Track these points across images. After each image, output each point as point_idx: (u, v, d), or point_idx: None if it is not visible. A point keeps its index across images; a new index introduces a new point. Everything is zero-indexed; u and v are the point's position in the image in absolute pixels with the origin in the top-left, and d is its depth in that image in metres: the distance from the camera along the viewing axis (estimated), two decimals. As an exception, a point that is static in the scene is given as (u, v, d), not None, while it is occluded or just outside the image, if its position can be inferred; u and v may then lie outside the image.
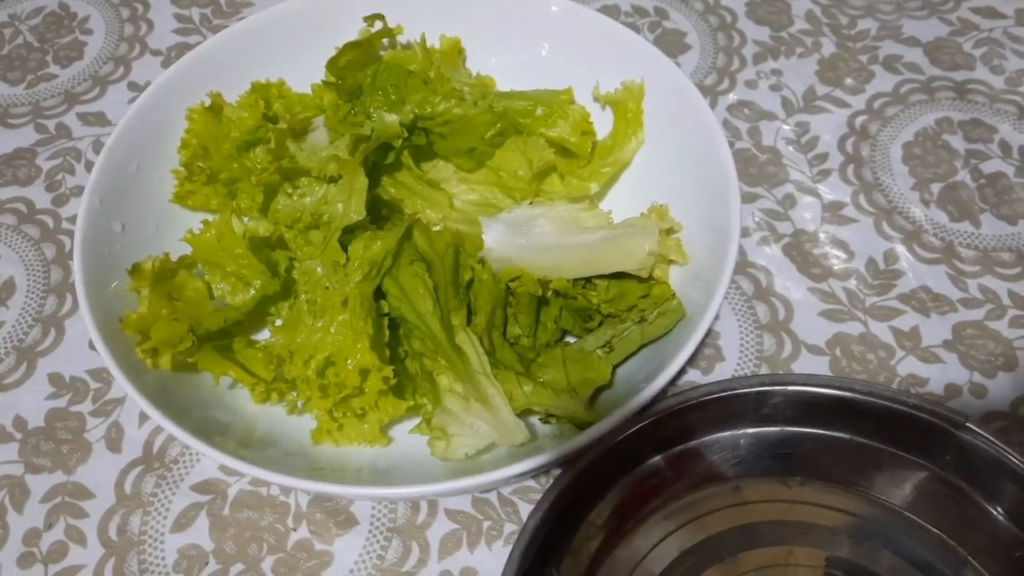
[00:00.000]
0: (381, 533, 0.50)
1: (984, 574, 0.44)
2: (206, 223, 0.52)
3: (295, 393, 0.49)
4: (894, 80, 0.68)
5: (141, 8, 0.76)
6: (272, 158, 0.51)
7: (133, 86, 0.70)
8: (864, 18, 0.72)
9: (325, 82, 0.56)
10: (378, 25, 0.55)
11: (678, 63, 0.67)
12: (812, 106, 0.67)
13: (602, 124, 0.57)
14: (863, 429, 0.48)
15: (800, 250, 0.59)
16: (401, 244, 0.48)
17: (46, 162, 0.66)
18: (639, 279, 0.51)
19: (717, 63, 0.70)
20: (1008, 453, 0.44)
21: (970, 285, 0.57)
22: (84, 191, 0.50)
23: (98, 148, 0.66)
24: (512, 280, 0.50)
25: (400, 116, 0.52)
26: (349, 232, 0.49)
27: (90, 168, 0.55)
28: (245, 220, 0.53)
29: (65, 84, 0.71)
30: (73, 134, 0.67)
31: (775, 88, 0.68)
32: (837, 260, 0.59)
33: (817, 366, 0.55)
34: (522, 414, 0.47)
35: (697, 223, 0.51)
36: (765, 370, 0.55)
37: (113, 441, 0.53)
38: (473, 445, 0.46)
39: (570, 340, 0.53)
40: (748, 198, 0.62)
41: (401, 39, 0.58)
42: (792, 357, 0.55)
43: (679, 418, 0.47)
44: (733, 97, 0.68)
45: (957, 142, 0.65)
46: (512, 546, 0.42)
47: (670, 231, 0.52)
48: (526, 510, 0.50)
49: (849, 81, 0.68)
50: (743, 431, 0.49)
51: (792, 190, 0.62)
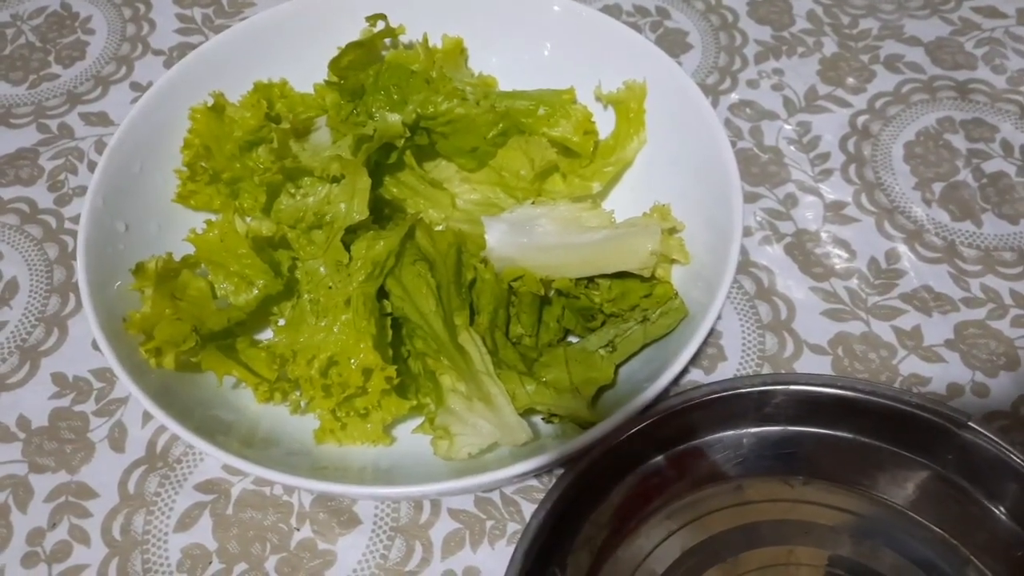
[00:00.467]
0: (384, 532, 0.50)
1: (986, 573, 0.44)
2: (209, 223, 0.52)
3: (298, 393, 0.49)
4: (896, 80, 0.68)
5: (143, 8, 0.76)
6: (275, 158, 0.51)
7: (135, 86, 0.70)
8: (866, 18, 0.72)
9: (327, 82, 0.56)
10: (380, 25, 0.55)
11: (679, 62, 0.67)
12: (814, 106, 0.67)
13: (604, 124, 0.57)
14: (865, 428, 0.48)
15: (802, 249, 0.60)
16: (404, 244, 0.48)
17: (48, 162, 0.66)
18: (641, 278, 0.51)
19: (719, 62, 0.70)
20: (1010, 452, 0.44)
21: (972, 284, 0.58)
22: (87, 191, 0.50)
23: (100, 148, 0.66)
24: (514, 280, 0.50)
25: (402, 116, 0.52)
26: (352, 232, 0.49)
27: (92, 168, 0.55)
28: (248, 220, 0.53)
29: (67, 84, 0.71)
30: (75, 134, 0.68)
31: (777, 88, 0.68)
32: (839, 259, 0.59)
33: (819, 365, 0.55)
34: (525, 414, 0.47)
35: (699, 223, 0.51)
36: (767, 369, 0.55)
37: (116, 441, 0.53)
38: (476, 444, 0.46)
39: (573, 340, 0.53)
40: (750, 198, 0.62)
41: (403, 39, 0.58)
42: (794, 356, 0.55)
43: (681, 417, 0.47)
44: (735, 96, 0.68)
45: (959, 141, 0.65)
46: (515, 545, 0.42)
47: (672, 230, 0.52)
48: (529, 509, 0.50)
49: (851, 81, 0.68)
50: (745, 430, 0.49)
51: (794, 190, 0.62)
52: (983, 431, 0.45)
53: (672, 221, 0.52)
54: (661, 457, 0.48)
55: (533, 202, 0.54)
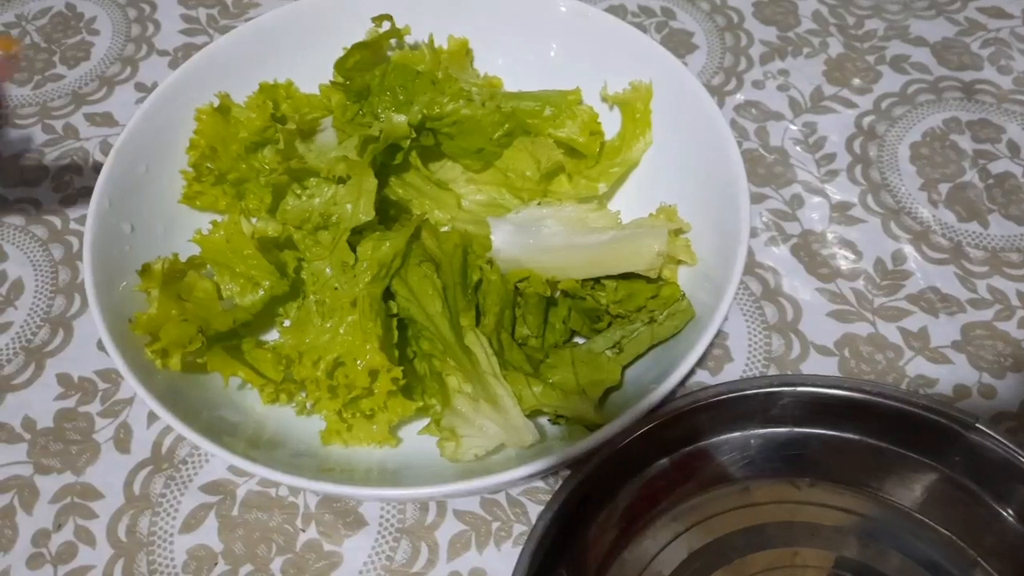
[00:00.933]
0: (390, 534, 0.50)
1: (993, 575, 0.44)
2: (215, 224, 0.52)
3: (304, 394, 0.49)
4: (901, 80, 0.68)
5: (148, 9, 0.76)
6: (281, 159, 0.51)
7: (140, 87, 0.70)
8: (871, 18, 0.72)
9: (333, 83, 0.56)
10: (386, 26, 0.55)
11: (685, 63, 0.67)
12: (819, 106, 0.67)
13: (610, 124, 0.57)
14: (872, 430, 0.48)
15: (808, 250, 0.59)
16: (410, 245, 0.48)
17: (53, 163, 0.66)
18: (648, 280, 0.51)
19: (724, 63, 0.70)
20: (1018, 454, 0.44)
21: (979, 285, 0.57)
22: (93, 193, 0.50)
23: (105, 148, 0.66)
24: (520, 281, 0.50)
25: (408, 117, 0.52)
26: (358, 233, 0.49)
27: (97, 168, 0.55)
28: (254, 221, 0.53)
29: (72, 84, 0.71)
30: (80, 135, 0.68)
31: (782, 88, 0.68)
32: (845, 260, 0.59)
33: (826, 367, 0.55)
34: (531, 415, 0.47)
35: (706, 224, 0.51)
36: (774, 371, 0.55)
37: (122, 442, 0.53)
38: (482, 446, 0.46)
39: (579, 341, 0.53)
40: (756, 198, 0.62)
41: (409, 40, 0.58)
42: (801, 358, 0.55)
43: (688, 419, 0.47)
44: (740, 97, 0.68)
45: (965, 142, 0.64)
46: (522, 547, 0.42)
47: (679, 231, 0.52)
48: (535, 511, 0.50)
49: (856, 81, 0.68)
50: (752, 432, 0.49)
51: (800, 190, 0.62)
52: (991, 432, 0.45)
53: (678, 222, 0.52)
54: (667, 459, 0.48)
55: (539, 203, 0.54)
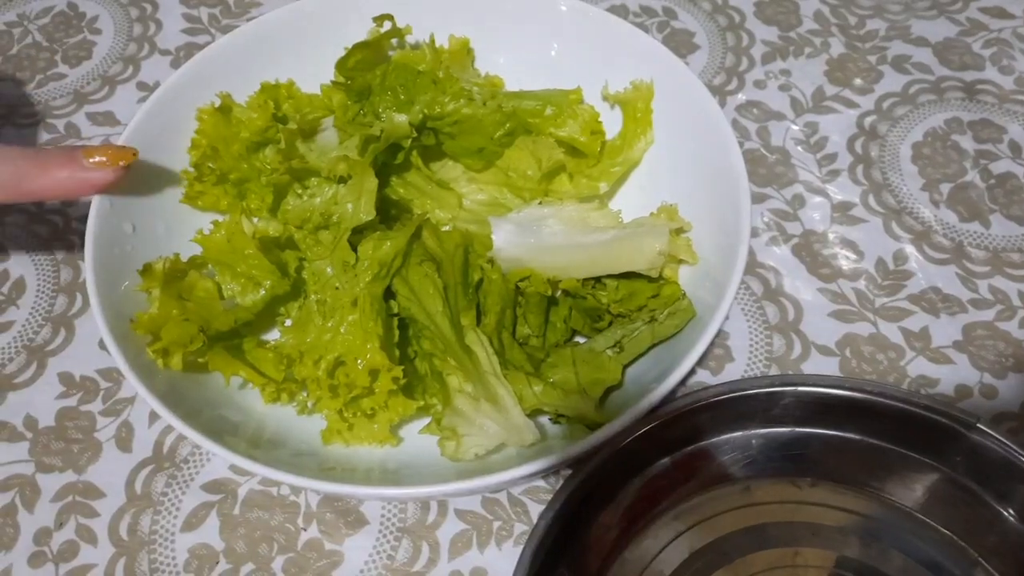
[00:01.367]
0: (391, 533, 0.50)
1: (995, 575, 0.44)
2: (216, 223, 0.52)
3: (305, 393, 0.49)
4: (903, 80, 0.68)
5: (150, 8, 0.76)
6: (282, 158, 0.51)
7: (142, 86, 0.70)
8: (873, 18, 0.72)
9: (334, 82, 0.56)
10: (387, 25, 0.55)
11: (687, 63, 0.67)
12: (821, 106, 0.67)
13: (611, 124, 0.57)
14: (873, 430, 0.48)
15: (809, 250, 0.59)
16: (411, 244, 0.48)
17: (55, 162, 0.66)
18: (649, 279, 0.51)
19: (725, 63, 0.70)
20: (1019, 454, 0.44)
21: (980, 286, 0.57)
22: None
23: (107, 148, 0.66)
24: (521, 280, 0.50)
25: (409, 116, 0.52)
26: (359, 232, 0.49)
27: (99, 168, 0.55)
28: (255, 220, 0.53)
29: (74, 84, 0.71)
30: (82, 134, 0.68)
31: (784, 88, 0.68)
32: (846, 260, 0.59)
33: (827, 367, 0.55)
34: (532, 414, 0.47)
35: (707, 223, 0.51)
36: (775, 371, 0.55)
37: (123, 440, 0.53)
38: (483, 445, 0.46)
39: (580, 340, 0.53)
40: (757, 198, 0.62)
41: (410, 39, 0.58)
42: (802, 358, 0.55)
43: (689, 419, 0.47)
44: (742, 97, 0.68)
45: (966, 142, 0.64)
46: (523, 546, 0.42)
47: (680, 231, 0.52)
48: (536, 510, 0.50)
49: (858, 81, 0.68)
50: (753, 432, 0.49)
51: (801, 190, 0.62)
52: (992, 433, 0.45)
53: (679, 221, 0.52)
54: (668, 458, 0.48)
55: (540, 202, 0.54)
